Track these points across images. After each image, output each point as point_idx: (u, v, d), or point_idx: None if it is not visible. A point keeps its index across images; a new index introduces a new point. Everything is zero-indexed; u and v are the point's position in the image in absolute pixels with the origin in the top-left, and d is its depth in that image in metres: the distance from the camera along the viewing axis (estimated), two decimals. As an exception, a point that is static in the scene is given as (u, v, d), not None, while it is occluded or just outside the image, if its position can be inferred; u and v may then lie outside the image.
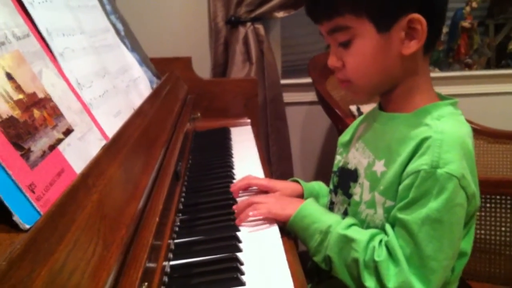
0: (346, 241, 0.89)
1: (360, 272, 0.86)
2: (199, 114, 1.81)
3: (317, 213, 0.97)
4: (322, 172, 2.55)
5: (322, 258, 0.93)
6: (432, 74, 2.45)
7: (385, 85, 0.94)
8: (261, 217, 1.02)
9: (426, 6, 0.85)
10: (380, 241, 0.87)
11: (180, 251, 0.91)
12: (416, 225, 0.82)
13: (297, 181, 1.22)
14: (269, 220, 1.01)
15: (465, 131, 0.89)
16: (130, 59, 1.38)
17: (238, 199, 1.13)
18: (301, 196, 1.16)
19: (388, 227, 0.88)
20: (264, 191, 1.18)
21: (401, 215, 0.85)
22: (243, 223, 1.01)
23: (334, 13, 0.89)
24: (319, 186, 1.23)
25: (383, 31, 0.87)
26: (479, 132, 2.09)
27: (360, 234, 0.89)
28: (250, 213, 1.01)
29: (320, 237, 0.93)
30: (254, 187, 1.19)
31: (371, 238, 0.88)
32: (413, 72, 0.91)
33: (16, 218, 0.54)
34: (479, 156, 2.08)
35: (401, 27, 0.86)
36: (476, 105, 2.42)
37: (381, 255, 0.85)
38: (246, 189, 1.19)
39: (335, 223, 0.92)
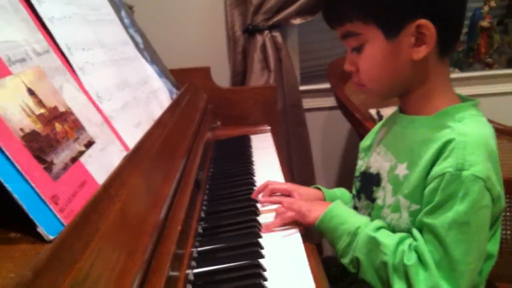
0: (375, 243, 0.89)
1: (389, 275, 0.86)
2: (219, 123, 1.82)
3: (346, 215, 0.97)
4: (344, 177, 2.54)
5: (349, 260, 0.93)
6: (453, 75, 2.42)
7: (398, 88, 0.95)
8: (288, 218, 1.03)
9: (434, 11, 0.86)
10: (410, 245, 0.87)
11: (203, 259, 0.92)
12: (443, 229, 0.82)
13: (318, 188, 1.22)
14: (291, 225, 1.02)
15: (488, 132, 0.89)
16: (149, 71, 1.40)
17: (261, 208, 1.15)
18: None
19: (415, 232, 0.87)
20: (285, 195, 1.18)
21: (427, 220, 0.84)
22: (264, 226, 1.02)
23: (344, 20, 0.91)
24: (341, 192, 1.24)
25: (391, 37, 0.88)
26: (502, 132, 2.06)
27: (389, 237, 0.89)
28: (283, 206, 1.04)
29: (349, 239, 0.93)
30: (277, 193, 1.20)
31: (400, 241, 0.87)
32: (428, 75, 0.92)
33: (40, 229, 0.55)
34: (502, 156, 2.04)
35: (410, 33, 0.87)
36: (498, 104, 2.38)
37: (411, 259, 0.84)
38: (267, 194, 1.20)
39: (363, 225, 0.93)
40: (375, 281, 0.90)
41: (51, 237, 0.56)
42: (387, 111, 2.07)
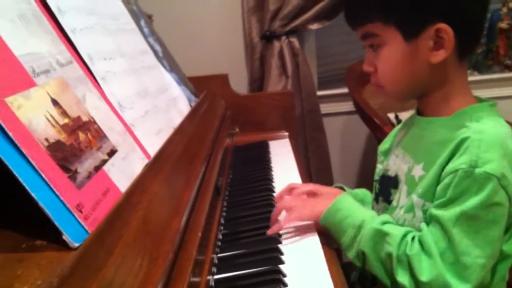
0: (381, 236, 0.89)
1: (394, 266, 0.86)
2: (237, 129, 1.83)
3: (351, 208, 0.98)
4: (363, 182, 2.53)
5: (355, 253, 0.93)
6: (472, 78, 2.40)
7: (416, 90, 0.96)
8: (299, 223, 1.04)
9: (454, 16, 0.86)
10: (414, 236, 0.87)
11: (223, 265, 0.93)
12: (450, 221, 0.82)
13: (341, 188, 1.23)
14: (309, 229, 1.02)
15: (505, 131, 0.89)
16: (168, 79, 1.41)
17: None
18: None
19: (423, 224, 0.88)
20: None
21: (436, 212, 0.84)
22: (284, 235, 1.03)
23: (365, 20, 0.92)
24: (363, 193, 1.24)
25: (410, 39, 0.88)
26: (522, 135, 2.04)
27: (395, 229, 0.89)
28: (281, 216, 1.04)
29: (354, 232, 0.93)
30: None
31: (406, 233, 0.88)
32: (445, 78, 0.92)
33: (65, 237, 0.56)
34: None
35: (429, 36, 0.87)
36: (518, 107, 2.36)
37: (413, 249, 0.85)
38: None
39: (369, 218, 0.93)
40: (381, 273, 0.90)
41: (76, 245, 0.57)
42: (405, 115, 2.06)
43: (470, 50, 0.94)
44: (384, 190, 1.06)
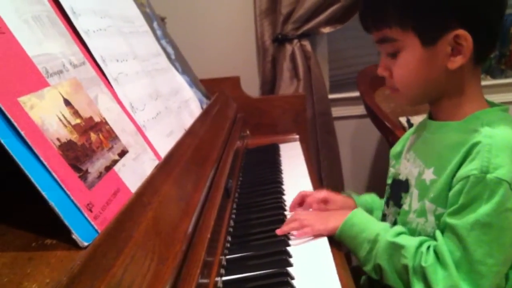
0: (395, 248, 0.89)
1: (410, 278, 0.86)
2: (248, 132, 1.83)
3: (365, 222, 0.98)
4: (374, 186, 2.53)
5: (372, 267, 0.94)
6: (485, 82, 2.38)
7: (431, 95, 0.95)
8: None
9: (473, 22, 0.85)
10: (428, 247, 0.87)
11: (231, 267, 0.93)
12: (465, 230, 0.82)
13: (350, 196, 1.23)
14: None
15: None
16: (180, 81, 1.42)
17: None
18: None
19: (438, 233, 0.87)
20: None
21: (450, 220, 0.84)
22: (292, 237, 1.03)
23: (382, 25, 0.91)
24: (371, 198, 1.23)
25: (428, 45, 0.88)
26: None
27: (409, 241, 0.89)
28: (295, 233, 1.03)
29: (369, 246, 0.94)
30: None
31: (420, 244, 0.88)
32: (461, 84, 0.92)
33: (75, 236, 0.57)
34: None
35: (447, 42, 0.86)
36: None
37: (428, 260, 0.85)
38: (302, 204, 1.20)
39: (383, 231, 0.93)
40: (398, 285, 0.90)
41: (86, 244, 0.58)
42: (417, 119, 2.05)
43: (486, 55, 0.93)
44: (395, 194, 1.06)
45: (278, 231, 1.04)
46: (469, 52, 0.86)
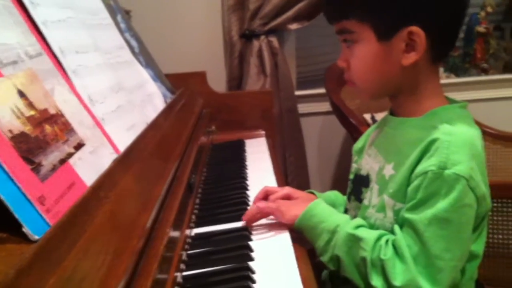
0: (355, 240, 0.90)
1: (368, 271, 0.87)
2: (213, 127, 1.82)
3: (325, 213, 0.98)
4: (339, 181, 2.54)
5: (329, 257, 0.94)
6: (449, 80, 2.42)
7: (387, 90, 0.97)
8: (272, 221, 1.05)
9: (429, 20, 0.87)
10: (387, 240, 0.88)
11: (192, 262, 0.92)
12: (423, 225, 0.83)
13: (312, 193, 1.23)
14: (281, 227, 1.03)
15: (474, 132, 0.90)
16: (144, 75, 1.41)
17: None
18: None
19: (396, 227, 0.88)
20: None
21: (408, 215, 0.85)
22: (254, 232, 1.03)
23: (342, 16, 0.93)
24: (335, 195, 1.24)
25: (383, 40, 0.89)
26: (497, 137, 2.07)
27: (368, 234, 0.90)
28: (260, 205, 1.04)
29: (328, 236, 0.94)
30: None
31: (379, 237, 0.88)
32: (417, 80, 0.93)
33: (25, 229, 0.56)
34: (496, 161, 2.06)
35: (402, 38, 0.88)
36: (493, 109, 2.40)
37: (387, 253, 0.85)
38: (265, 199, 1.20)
39: (343, 223, 0.94)
40: (356, 277, 0.90)
41: (37, 237, 0.56)
42: (381, 116, 2.06)
43: (443, 53, 0.95)
44: (356, 189, 1.07)
45: (244, 217, 1.04)
46: (422, 49, 0.87)
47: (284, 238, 1.00)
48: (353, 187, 1.09)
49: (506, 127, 2.14)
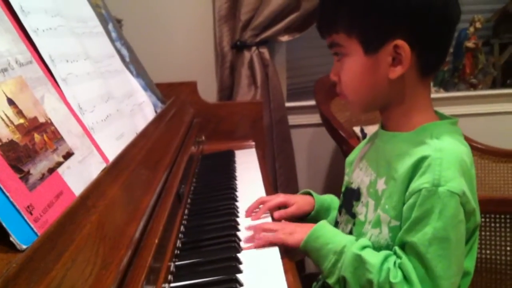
0: (360, 261, 0.88)
1: None
2: (203, 137, 1.82)
3: (331, 234, 0.97)
4: (328, 193, 2.54)
5: (336, 279, 0.92)
6: (437, 95, 2.44)
7: (376, 103, 0.97)
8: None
9: (414, 34, 0.87)
10: (395, 262, 0.87)
11: (180, 273, 0.92)
12: (423, 246, 0.83)
13: (309, 193, 1.23)
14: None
15: (463, 149, 0.90)
16: (134, 84, 1.40)
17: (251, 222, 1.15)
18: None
19: (398, 249, 0.87)
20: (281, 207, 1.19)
21: (407, 238, 0.85)
22: (244, 245, 1.02)
23: (331, 30, 0.94)
24: (331, 199, 1.24)
25: (370, 53, 0.90)
26: (485, 152, 2.09)
27: (374, 256, 0.88)
28: (259, 240, 1.02)
29: (335, 258, 0.92)
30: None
31: (385, 259, 0.87)
32: (405, 94, 0.93)
33: (13, 238, 0.55)
34: (484, 176, 2.08)
35: (388, 52, 0.89)
36: (481, 124, 2.42)
37: (397, 276, 0.84)
38: (263, 211, 1.19)
39: (349, 243, 0.92)
40: None
41: (24, 247, 0.56)
42: (371, 129, 2.09)
43: (432, 68, 0.95)
44: (347, 202, 1.06)
45: (249, 247, 1.02)
46: (407, 63, 0.88)
47: (273, 250, 1.00)
48: (343, 199, 1.09)
49: (494, 142, 2.16)
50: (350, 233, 1.02)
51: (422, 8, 0.87)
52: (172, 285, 0.87)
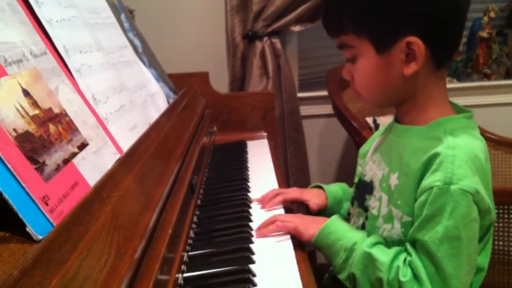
0: (371, 259, 0.89)
1: None
2: (215, 128, 1.82)
3: (342, 230, 0.97)
4: (340, 184, 2.54)
5: (346, 275, 0.93)
6: (451, 85, 2.42)
7: (392, 99, 0.97)
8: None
9: (426, 29, 0.86)
10: (405, 260, 0.86)
11: (193, 263, 0.92)
12: (434, 245, 0.82)
13: (319, 186, 1.23)
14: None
15: (478, 145, 0.89)
16: (147, 75, 1.40)
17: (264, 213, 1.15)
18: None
19: (409, 246, 0.87)
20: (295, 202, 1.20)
21: (418, 236, 0.85)
22: (258, 233, 1.03)
23: (340, 31, 0.94)
24: (342, 189, 1.24)
25: (382, 52, 0.89)
26: (498, 142, 2.07)
27: (384, 253, 0.88)
28: (278, 223, 1.02)
29: (345, 255, 0.93)
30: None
31: (395, 257, 0.87)
32: (421, 88, 0.92)
33: (29, 229, 0.56)
34: (497, 166, 2.06)
35: (401, 49, 0.88)
36: (495, 115, 2.40)
37: (406, 275, 0.84)
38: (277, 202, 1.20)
39: (360, 240, 0.92)
40: None
41: (40, 237, 0.56)
42: (383, 120, 2.08)
43: (445, 60, 0.94)
44: (359, 195, 1.06)
45: (258, 235, 1.03)
46: (421, 58, 0.87)
47: (286, 241, 1.00)
48: (356, 192, 1.09)
49: (507, 132, 2.15)
50: (363, 226, 1.02)
51: (431, 2, 0.86)
52: (185, 275, 0.88)
